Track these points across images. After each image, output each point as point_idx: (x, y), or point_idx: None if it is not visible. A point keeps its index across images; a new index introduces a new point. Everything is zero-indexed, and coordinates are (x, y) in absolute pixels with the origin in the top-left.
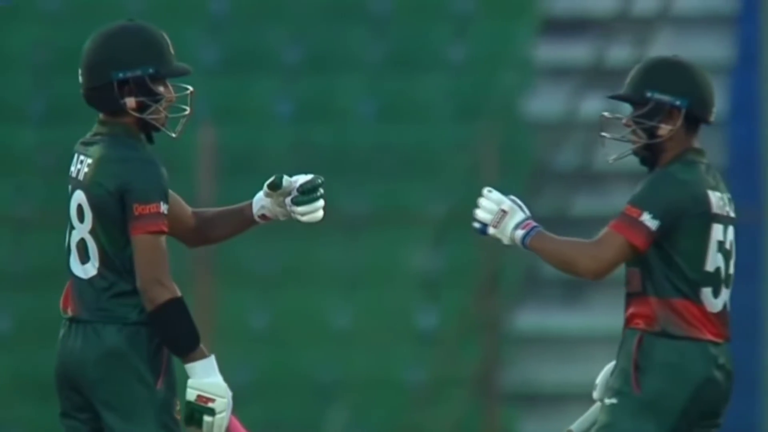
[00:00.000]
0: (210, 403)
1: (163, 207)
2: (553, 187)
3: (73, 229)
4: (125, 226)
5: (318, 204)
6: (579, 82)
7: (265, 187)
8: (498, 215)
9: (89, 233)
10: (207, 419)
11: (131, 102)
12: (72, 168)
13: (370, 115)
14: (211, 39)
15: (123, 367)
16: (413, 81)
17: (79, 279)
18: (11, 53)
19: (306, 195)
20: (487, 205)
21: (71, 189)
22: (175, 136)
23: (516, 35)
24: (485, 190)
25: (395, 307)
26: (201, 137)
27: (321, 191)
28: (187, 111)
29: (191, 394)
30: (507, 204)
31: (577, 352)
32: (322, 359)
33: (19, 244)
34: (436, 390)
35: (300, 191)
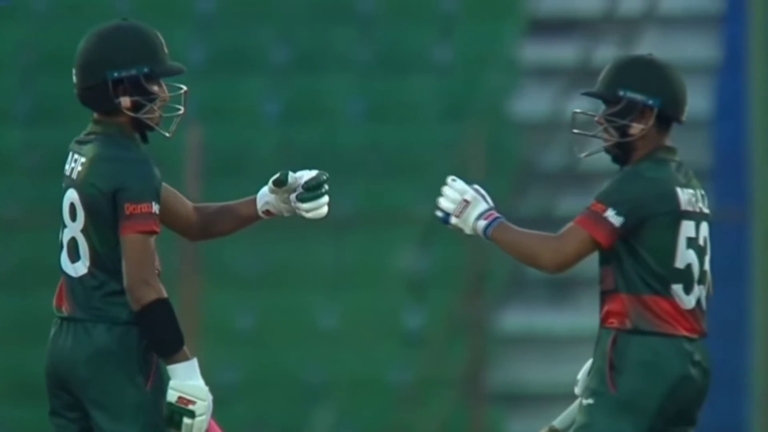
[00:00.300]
0: (190, 406)
1: (155, 207)
2: (540, 187)
3: (65, 227)
4: (117, 226)
5: (323, 200)
6: (565, 82)
7: (270, 183)
8: (461, 205)
9: (81, 232)
10: (186, 421)
11: (126, 101)
12: (66, 166)
13: (357, 115)
14: (199, 39)
15: (113, 367)
16: (400, 81)
17: (71, 277)
18: None
19: (311, 192)
20: (450, 195)
21: (65, 187)
22: (169, 135)
23: (502, 36)
24: (449, 179)
25: (382, 308)
26: (188, 137)
27: (326, 188)
28: (181, 110)
29: (172, 395)
30: (470, 194)
31: (564, 352)
32: (308, 359)
33: (6, 244)
34: (422, 390)
35: (305, 188)
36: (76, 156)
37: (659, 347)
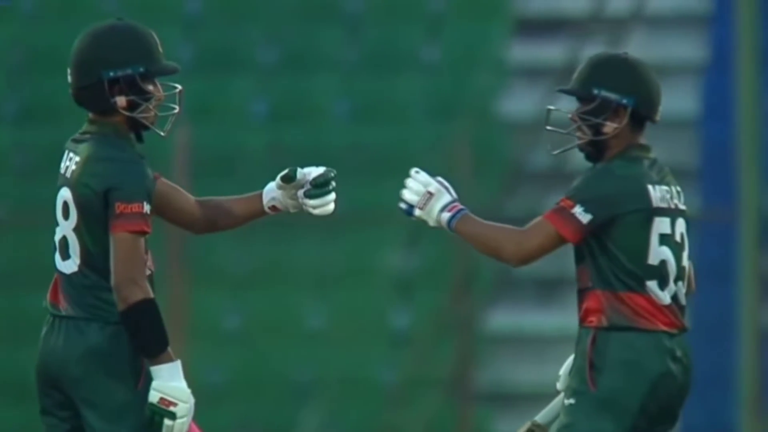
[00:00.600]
0: (172, 407)
1: (146, 208)
2: (528, 187)
3: (57, 225)
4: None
5: (330, 197)
6: (553, 82)
7: (279, 180)
8: (424, 197)
9: (73, 231)
10: (167, 423)
11: (122, 101)
12: (61, 164)
13: (344, 115)
14: (186, 39)
15: (105, 366)
16: (388, 81)
17: (63, 274)
18: None
19: (319, 188)
20: (414, 187)
21: (59, 185)
22: (164, 134)
23: (490, 35)
24: (413, 171)
25: (369, 307)
26: (176, 137)
27: (333, 185)
28: (176, 110)
29: (154, 396)
30: (434, 186)
31: (552, 351)
32: (296, 359)
33: None
34: (410, 390)
35: (313, 184)
36: (71, 155)
37: (639, 344)
